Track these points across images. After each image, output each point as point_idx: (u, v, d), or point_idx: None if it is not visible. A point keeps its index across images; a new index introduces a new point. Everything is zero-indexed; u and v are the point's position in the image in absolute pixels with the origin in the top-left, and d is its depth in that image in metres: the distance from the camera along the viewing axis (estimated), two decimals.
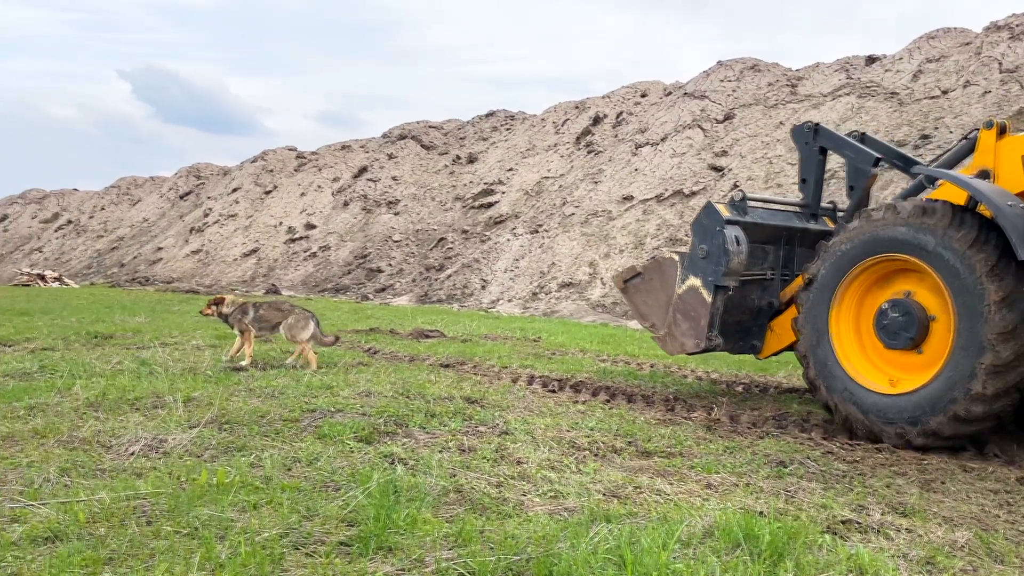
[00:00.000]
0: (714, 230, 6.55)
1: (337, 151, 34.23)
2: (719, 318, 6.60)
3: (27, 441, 4.47)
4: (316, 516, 3.39)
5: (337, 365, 7.71)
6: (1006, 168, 5.67)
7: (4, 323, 11.04)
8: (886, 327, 5.60)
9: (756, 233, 6.76)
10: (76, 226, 43.74)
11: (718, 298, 6.55)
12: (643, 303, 7.22)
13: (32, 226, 47.74)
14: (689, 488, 4.15)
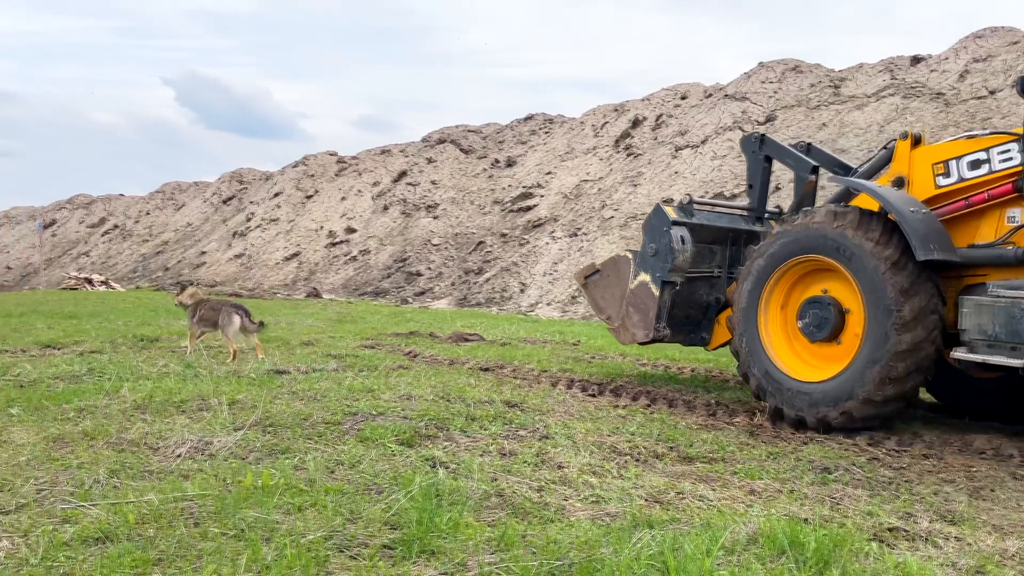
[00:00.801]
0: (662, 230, 7.19)
1: (377, 155, 34.50)
2: (667, 311, 7.19)
3: (77, 443, 4.56)
4: (359, 519, 3.42)
5: (378, 368, 7.77)
6: (918, 176, 6.22)
7: (53, 326, 11.27)
8: (808, 322, 6.15)
9: (703, 234, 7.34)
10: (122, 231, 44.57)
11: (665, 292, 7.16)
12: (601, 297, 7.86)
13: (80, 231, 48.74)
14: (732, 494, 4.11)
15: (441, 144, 32.21)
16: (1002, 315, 5.29)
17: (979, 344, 5.42)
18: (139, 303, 18.16)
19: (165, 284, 30.94)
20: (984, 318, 5.40)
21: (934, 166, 6.09)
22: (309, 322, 13.21)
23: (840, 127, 20.31)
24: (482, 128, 33.17)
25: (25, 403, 5.58)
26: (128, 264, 38.84)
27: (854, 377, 5.70)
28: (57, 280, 35.02)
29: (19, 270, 46.01)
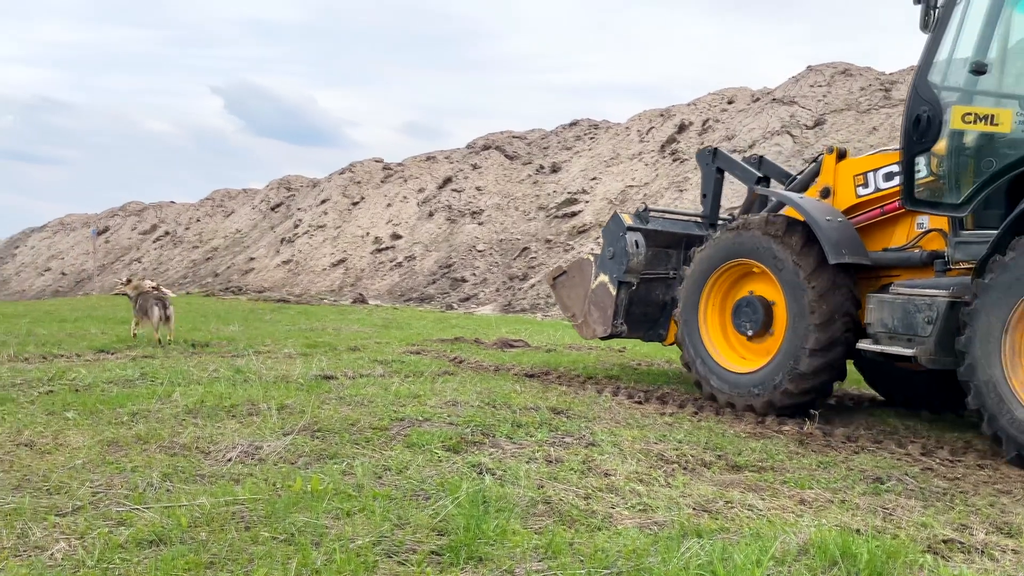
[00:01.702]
0: (618, 235, 7.81)
1: (422, 162, 34.73)
2: (623, 309, 7.83)
3: (131, 446, 4.65)
4: (407, 525, 3.44)
5: (424, 374, 7.81)
6: (841, 187, 6.78)
7: (107, 331, 11.52)
8: (741, 320, 6.84)
9: (657, 239, 7.95)
10: (173, 237, 45.43)
11: (621, 292, 7.77)
12: (567, 296, 8.53)
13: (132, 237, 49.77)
14: (782, 504, 4.06)
15: (486, 150, 32.33)
16: (900, 310, 5.87)
17: (882, 336, 5.99)
18: (190, 308, 18.48)
19: (215, 290, 31.45)
20: (885, 313, 5.96)
21: (855, 177, 6.65)
22: (355, 327, 13.32)
23: (891, 131, 19.97)
24: (527, 134, 33.22)
25: (80, 407, 5.71)
26: (179, 270, 39.56)
27: (776, 369, 6.39)
28: (110, 285, 35.77)
29: (73, 276, 47.11)
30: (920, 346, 5.71)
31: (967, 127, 5.59)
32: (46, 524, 3.34)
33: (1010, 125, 5.40)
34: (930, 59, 5.76)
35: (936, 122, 5.70)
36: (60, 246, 56.28)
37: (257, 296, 27.23)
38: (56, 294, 41.65)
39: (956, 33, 5.69)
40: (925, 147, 5.79)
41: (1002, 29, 5.59)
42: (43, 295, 42.71)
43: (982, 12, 5.60)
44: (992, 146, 5.52)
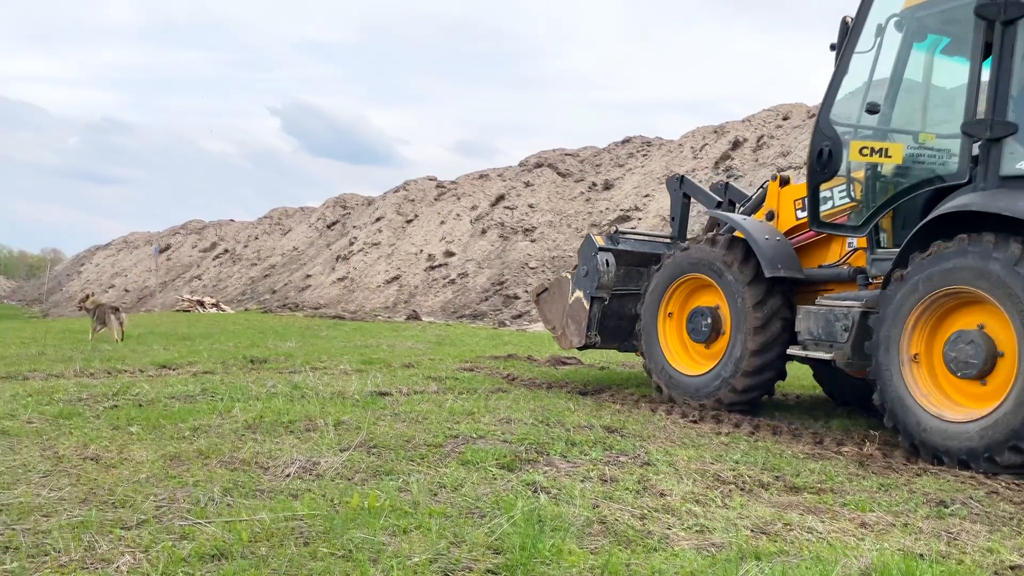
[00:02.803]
0: (591, 255, 8.51)
1: (475, 180, 34.97)
2: (596, 321, 8.51)
3: (192, 461, 4.74)
4: (463, 543, 3.45)
5: (477, 391, 7.84)
6: (784, 210, 7.52)
7: (169, 347, 11.78)
8: (694, 328, 7.58)
9: (628, 258, 8.67)
10: (232, 255, 46.33)
11: (594, 306, 8.47)
12: (549, 311, 9.30)
13: (192, 255, 50.90)
14: (842, 527, 3.98)
15: (538, 168, 32.44)
16: (822, 320, 6.58)
17: (808, 342, 6.71)
18: (248, 325, 18.82)
19: (273, 306, 31.98)
20: (811, 322, 6.68)
21: (795, 202, 7.38)
22: (409, 344, 13.43)
23: None
24: (579, 152, 33.26)
25: (144, 421, 5.82)
26: (237, 287, 40.32)
27: (723, 371, 7.15)
28: (171, 302, 36.59)
29: (136, 292, 48.33)
30: (838, 351, 6.45)
31: (863, 159, 6.30)
32: (112, 537, 3.41)
33: (901, 157, 6.25)
34: (831, 99, 6.52)
35: (837, 155, 6.45)
36: (123, 263, 57.77)
37: (313, 312, 27.61)
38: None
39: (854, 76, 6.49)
40: (827, 177, 6.59)
41: (894, 73, 6.44)
42: None
43: (877, 58, 6.36)
44: (885, 175, 6.35)
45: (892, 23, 6.41)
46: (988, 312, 5.47)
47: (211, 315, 26.71)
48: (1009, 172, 5.65)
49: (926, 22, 6.39)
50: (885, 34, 6.40)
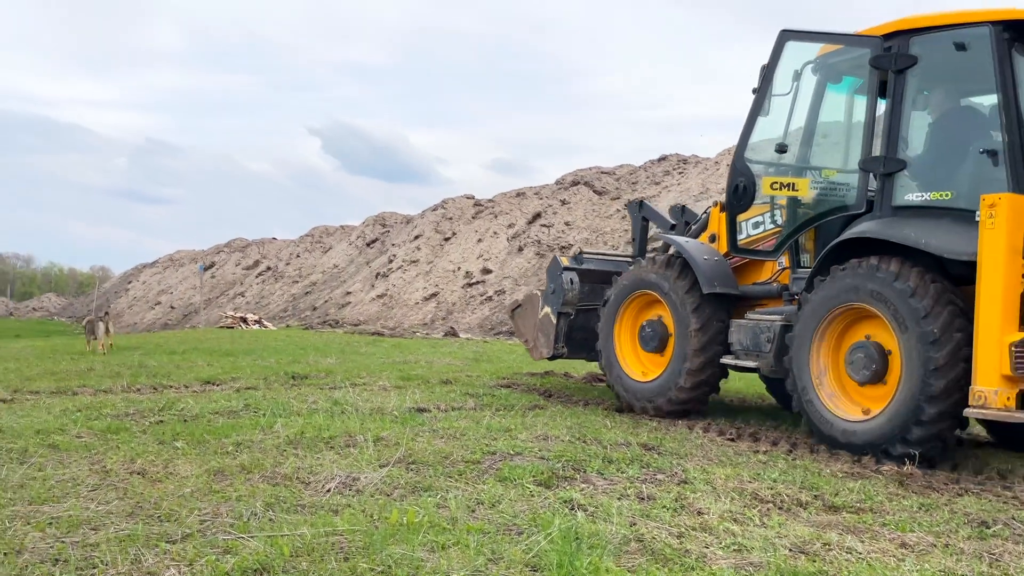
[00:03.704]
0: (557, 274, 9.33)
1: (512, 198, 35.11)
2: (564, 334, 9.32)
3: (235, 475, 4.83)
4: (501, 560, 3.48)
5: (514, 408, 7.88)
6: (724, 233, 7.98)
7: (212, 363, 11.96)
8: (644, 338, 8.29)
9: (592, 276, 9.37)
10: (274, 272, 46.93)
11: (561, 321, 9.29)
12: (522, 325, 10.13)
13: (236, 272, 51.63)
14: (882, 547, 3.95)
15: (575, 186, 32.49)
16: (750, 332, 7.39)
17: (739, 352, 7.51)
18: (289, 341, 19.03)
19: (313, 323, 32.30)
20: (741, 334, 7.49)
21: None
22: (447, 360, 13.50)
23: None
24: (615, 169, 33.27)
25: (188, 436, 5.93)
26: (279, 304, 40.79)
27: (668, 378, 7.85)
28: (215, 319, 37.12)
29: (181, 309, 49.10)
30: (763, 360, 7.26)
31: (774, 193, 7.21)
32: (157, 551, 3.49)
33: (807, 191, 7.17)
34: (745, 141, 7.37)
35: (751, 190, 7.32)
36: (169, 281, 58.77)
37: (353, 329, 27.84)
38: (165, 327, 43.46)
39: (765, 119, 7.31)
40: (743, 209, 7.50)
41: (799, 117, 7.28)
42: (153, 328, 44.61)
43: (785, 104, 7.22)
44: (793, 207, 7.25)
45: (808, 68, 7.23)
46: (878, 324, 6.27)
47: (254, 331, 27.04)
48: (900, 203, 6.53)
49: (839, 67, 7.21)
50: (802, 78, 7.22)
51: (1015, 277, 5.61)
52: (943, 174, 6.56)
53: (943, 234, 6.06)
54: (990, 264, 5.60)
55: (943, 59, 6.56)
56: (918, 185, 6.57)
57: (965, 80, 6.70)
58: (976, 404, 5.60)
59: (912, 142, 6.74)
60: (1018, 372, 5.48)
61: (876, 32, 6.80)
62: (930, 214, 6.35)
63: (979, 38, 6.25)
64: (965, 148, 6.52)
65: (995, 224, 5.60)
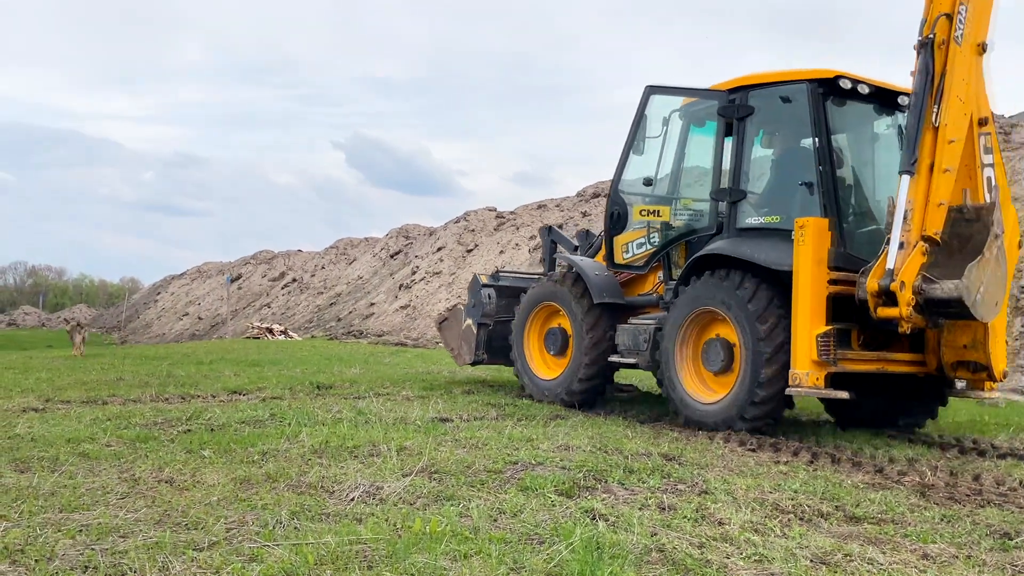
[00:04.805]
0: (477, 290, 10.71)
1: (533, 210, 35.17)
2: (484, 343, 10.51)
3: (261, 484, 4.89)
4: (523, 569, 3.52)
5: (536, 418, 7.92)
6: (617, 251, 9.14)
7: (239, 373, 12.08)
8: (549, 343, 9.73)
9: (507, 292, 10.63)
10: (300, 284, 47.25)
11: (481, 331, 10.52)
12: (448, 335, 11.41)
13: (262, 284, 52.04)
14: (903, 558, 3.94)
15: (595, 198, 32.48)
16: (631, 334, 8.71)
17: (624, 351, 8.77)
18: (314, 351, 19.17)
19: (338, 334, 32.50)
20: (624, 337, 8.80)
21: (622, 246, 9.04)
22: (469, 371, 13.55)
23: (1011, 175, 19.10)
24: None
25: (215, 445, 6.00)
26: (305, 315, 41.06)
27: (567, 376, 9.17)
28: (242, 329, 37.41)
29: (209, 320, 49.54)
30: (641, 357, 8.54)
31: (643, 219, 8.80)
32: (185, 558, 3.54)
33: (669, 217, 8.75)
34: (619, 176, 8.93)
35: (624, 216, 8.89)
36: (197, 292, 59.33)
37: (377, 340, 27.97)
38: (193, 337, 43.86)
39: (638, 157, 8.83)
40: (619, 232, 8.98)
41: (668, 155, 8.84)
42: (181, 338, 45.04)
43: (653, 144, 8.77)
44: (660, 230, 8.74)
45: (675, 114, 8.81)
46: (726, 325, 7.64)
47: (280, 342, 27.24)
48: (743, 225, 8.02)
49: (700, 114, 8.69)
50: (670, 123, 8.77)
51: (821, 283, 7.05)
52: (774, 202, 8.09)
53: (772, 250, 7.43)
54: (801, 273, 7.04)
55: (774, 109, 8.05)
56: (756, 211, 8.08)
57: (790, 126, 8.16)
58: (793, 384, 6.99)
59: (751, 176, 8.21)
60: (822, 357, 6.87)
61: (723, 87, 8.29)
62: (765, 234, 7.79)
63: (799, 92, 7.76)
64: (791, 181, 7.94)
65: (804, 241, 7.04)
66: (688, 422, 7.76)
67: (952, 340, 7.32)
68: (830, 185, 7.56)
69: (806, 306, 6.98)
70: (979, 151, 7.14)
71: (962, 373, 7.42)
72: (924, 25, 6.94)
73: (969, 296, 6.39)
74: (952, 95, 6.82)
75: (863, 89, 7.74)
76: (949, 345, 7.35)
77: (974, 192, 7.10)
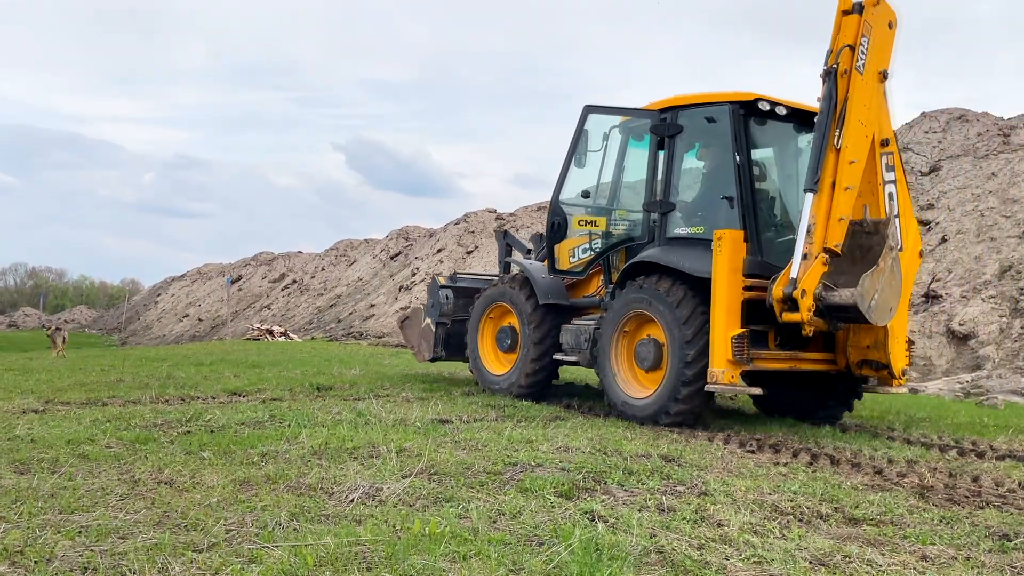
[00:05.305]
0: (435, 291, 11.31)
1: (533, 211, 35.20)
2: (442, 341, 11.12)
3: (261, 486, 4.88)
4: (522, 570, 3.52)
5: (535, 419, 7.92)
6: (563, 257, 9.72)
7: (239, 375, 12.08)
8: (500, 341, 10.32)
9: (463, 293, 11.20)
10: (300, 285, 47.26)
11: (439, 329, 11.12)
12: (409, 334, 12.02)
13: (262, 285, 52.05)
14: (903, 559, 3.95)
15: None
16: (573, 334, 9.35)
17: (567, 350, 9.40)
18: (314, 353, 19.17)
19: (338, 335, 32.50)
20: (568, 336, 9.42)
21: (568, 251, 9.60)
22: (467, 373, 13.54)
23: (1011, 176, 19.14)
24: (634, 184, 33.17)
25: (215, 447, 5.99)
26: (305, 316, 41.08)
27: (516, 372, 9.85)
28: (242, 331, 37.42)
29: (209, 321, 49.56)
30: (582, 355, 9.14)
31: (581, 228, 9.40)
32: (184, 560, 3.54)
33: (604, 226, 9.36)
34: (560, 188, 9.53)
35: (564, 226, 9.48)
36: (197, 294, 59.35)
37: (377, 341, 27.97)
38: (193, 339, 43.86)
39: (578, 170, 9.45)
40: (559, 240, 9.53)
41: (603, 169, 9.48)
42: (181, 339, 45.06)
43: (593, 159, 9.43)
44: (599, 238, 9.35)
45: (614, 131, 9.43)
46: (656, 327, 8.19)
47: (280, 343, 27.24)
48: (672, 235, 8.62)
49: (638, 131, 9.24)
50: (610, 139, 9.44)
51: (736, 289, 7.59)
52: (700, 214, 8.74)
53: (697, 259, 7.94)
54: (718, 280, 7.57)
55: (700, 128, 8.68)
56: (684, 222, 8.71)
57: (714, 144, 8.66)
58: (711, 381, 7.53)
59: (680, 189, 8.85)
60: (737, 357, 7.45)
61: (655, 107, 8.93)
62: (691, 244, 8.35)
63: (722, 113, 8.35)
64: (714, 194, 8.52)
65: (721, 251, 7.59)
66: (622, 415, 8.31)
67: (857, 341, 8.04)
68: (749, 199, 8.18)
69: (722, 310, 7.52)
70: (881, 170, 7.80)
71: (866, 371, 8.10)
72: (829, 55, 7.54)
73: (863, 302, 7.01)
74: (853, 119, 7.41)
75: (781, 111, 8.34)
76: (854, 345, 8.07)
77: (875, 208, 7.76)
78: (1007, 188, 18.73)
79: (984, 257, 17.25)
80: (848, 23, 7.49)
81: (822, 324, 7.38)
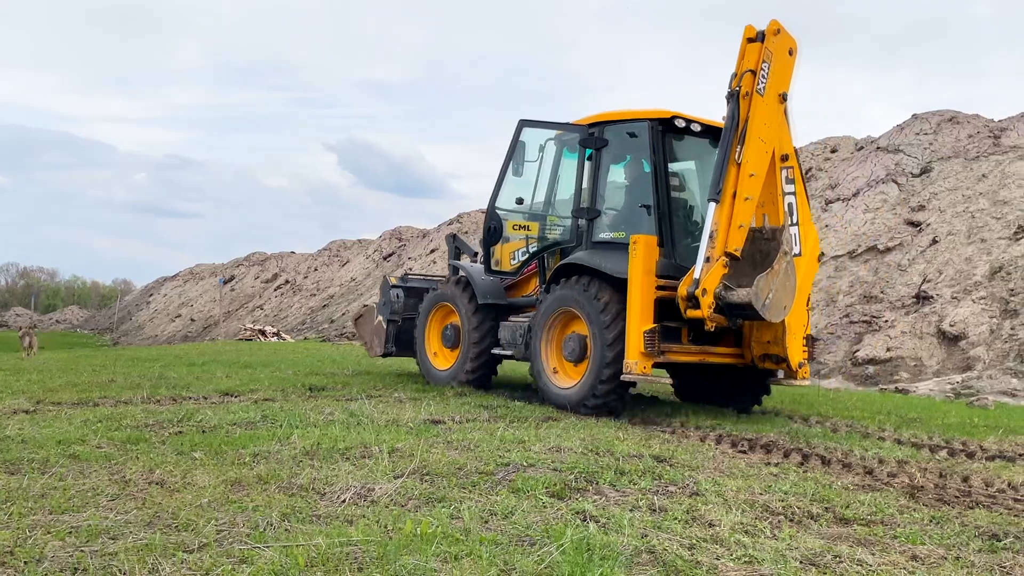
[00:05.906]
0: (387, 290, 12.08)
1: None
2: (392, 337, 11.95)
3: (252, 486, 4.87)
4: (514, 570, 3.52)
5: (528, 420, 7.92)
6: (504, 259, 10.77)
7: (231, 375, 12.06)
8: (445, 338, 11.16)
9: (414, 293, 12.02)
10: (292, 285, 47.19)
11: (390, 327, 11.96)
12: (363, 331, 12.88)
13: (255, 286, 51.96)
14: (893, 559, 3.96)
15: None
16: (510, 330, 10.14)
17: (505, 345, 10.19)
18: (307, 353, 19.14)
19: (331, 335, 32.46)
20: (505, 332, 10.23)
21: (510, 254, 10.56)
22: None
23: (1001, 178, 19.22)
24: None
25: (207, 447, 5.97)
26: (297, 316, 41.02)
27: (459, 366, 10.72)
28: (235, 331, 37.32)
29: (201, 322, 49.44)
30: (517, 350, 9.94)
31: (515, 232, 10.36)
32: (175, 560, 3.53)
33: (536, 231, 10.33)
34: (496, 195, 10.34)
35: (499, 230, 10.33)
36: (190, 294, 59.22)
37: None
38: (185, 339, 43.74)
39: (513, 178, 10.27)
40: (494, 243, 10.45)
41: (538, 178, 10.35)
42: (174, 340, 44.93)
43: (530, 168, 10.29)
44: (527, 242, 10.37)
45: (550, 143, 10.27)
46: (580, 322, 8.93)
47: (272, 344, 27.19)
48: (597, 239, 9.37)
49: (571, 143, 10.00)
50: (545, 150, 10.26)
51: (649, 289, 8.33)
52: (621, 220, 9.54)
53: (618, 262, 8.60)
54: (633, 280, 8.33)
55: (623, 142, 9.51)
56: (608, 228, 9.46)
57: (635, 157, 9.59)
58: (626, 372, 8.27)
59: (605, 198, 9.61)
60: (648, 350, 8.20)
61: (584, 122, 9.69)
62: (613, 247, 9.07)
63: (642, 129, 9.20)
64: (634, 203, 9.38)
65: (636, 254, 8.36)
66: (552, 404, 9.05)
67: (759, 337, 8.87)
68: (665, 207, 9.00)
69: (636, 308, 8.29)
70: (781, 182, 8.62)
71: (768, 364, 8.91)
72: (732, 79, 8.32)
73: (758, 301, 7.75)
74: (753, 137, 8.19)
75: (696, 127, 9.17)
76: (757, 341, 8.91)
77: (773, 216, 8.60)
78: (998, 190, 18.81)
79: (974, 258, 17.33)
80: (751, 50, 8.26)
81: (723, 320, 8.12)
